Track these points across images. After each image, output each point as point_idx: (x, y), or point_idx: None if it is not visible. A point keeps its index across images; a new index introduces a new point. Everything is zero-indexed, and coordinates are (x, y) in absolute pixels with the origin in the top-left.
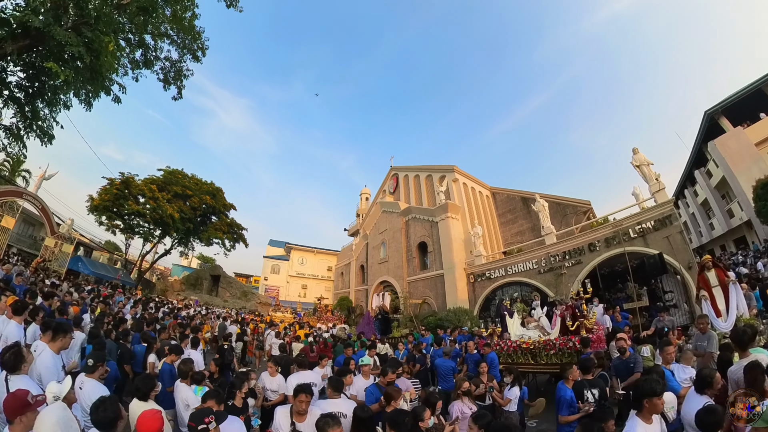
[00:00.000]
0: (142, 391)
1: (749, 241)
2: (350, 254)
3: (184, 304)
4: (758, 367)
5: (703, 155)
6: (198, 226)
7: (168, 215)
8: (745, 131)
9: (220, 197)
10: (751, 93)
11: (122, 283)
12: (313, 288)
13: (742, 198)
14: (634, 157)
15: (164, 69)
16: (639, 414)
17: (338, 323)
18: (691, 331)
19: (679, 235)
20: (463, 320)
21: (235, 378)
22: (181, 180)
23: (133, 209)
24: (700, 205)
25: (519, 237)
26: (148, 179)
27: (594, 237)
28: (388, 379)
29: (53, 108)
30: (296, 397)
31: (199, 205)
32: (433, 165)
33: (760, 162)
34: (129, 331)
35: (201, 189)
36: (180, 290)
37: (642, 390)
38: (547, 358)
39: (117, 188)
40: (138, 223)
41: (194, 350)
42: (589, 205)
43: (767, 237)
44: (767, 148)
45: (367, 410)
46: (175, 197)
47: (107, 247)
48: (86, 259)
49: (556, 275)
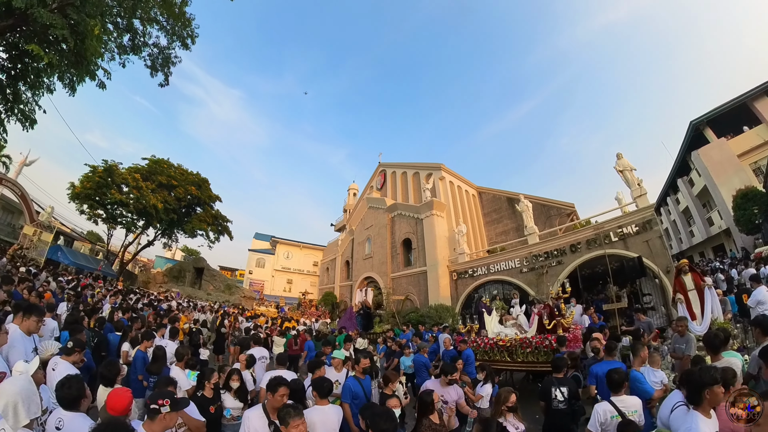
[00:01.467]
0: (107, 377)
1: (727, 249)
2: (336, 249)
3: (166, 296)
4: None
5: (686, 164)
6: (182, 217)
7: (152, 205)
8: (729, 143)
9: (206, 188)
10: (735, 106)
11: (103, 275)
12: (299, 283)
13: (723, 207)
14: (617, 162)
15: (152, 55)
16: (698, 408)
17: (322, 318)
18: (668, 333)
19: (659, 239)
20: (445, 317)
21: (206, 368)
22: (167, 170)
23: (115, 198)
24: (681, 212)
25: (503, 236)
26: (132, 168)
27: (576, 238)
28: (363, 365)
29: (36, 91)
30: (275, 392)
31: (184, 195)
32: (420, 162)
33: (742, 173)
34: (104, 319)
35: (186, 179)
36: (163, 282)
37: (701, 380)
38: (524, 356)
39: (100, 176)
40: (121, 213)
41: (171, 341)
42: (573, 208)
43: (744, 245)
44: (749, 160)
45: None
46: (160, 187)
47: (89, 237)
48: (66, 249)
49: (538, 275)
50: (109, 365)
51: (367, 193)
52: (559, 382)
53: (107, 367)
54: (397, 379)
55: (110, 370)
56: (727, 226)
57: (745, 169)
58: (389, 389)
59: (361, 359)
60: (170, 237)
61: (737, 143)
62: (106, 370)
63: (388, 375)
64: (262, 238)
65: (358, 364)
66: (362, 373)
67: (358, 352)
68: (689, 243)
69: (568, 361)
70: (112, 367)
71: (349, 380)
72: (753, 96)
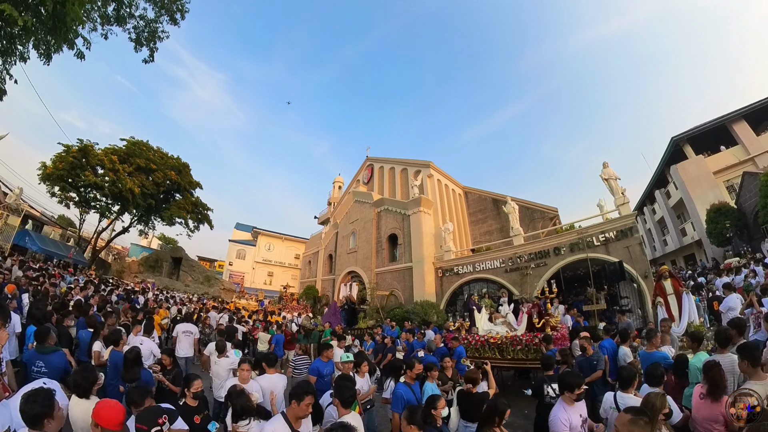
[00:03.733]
0: (82, 387)
1: (698, 259)
2: (319, 242)
3: (142, 287)
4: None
5: (664, 177)
6: (160, 204)
7: (128, 189)
8: (706, 160)
9: (186, 174)
10: (715, 126)
11: (74, 262)
12: (280, 276)
13: (696, 219)
14: (603, 171)
15: (137, 28)
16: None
17: (304, 312)
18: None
19: (639, 246)
20: (430, 313)
21: (188, 375)
22: (146, 152)
23: (90, 181)
24: (657, 222)
25: (487, 236)
26: (109, 149)
27: (559, 242)
28: (417, 371)
29: (7, 59)
30: (301, 401)
31: (162, 180)
32: (409, 159)
33: (716, 189)
34: (70, 311)
35: (166, 163)
36: (138, 272)
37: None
38: (514, 353)
39: (74, 156)
40: (95, 197)
41: (147, 337)
42: (556, 212)
43: (715, 256)
44: (723, 178)
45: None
46: (138, 170)
47: (60, 221)
48: (35, 234)
49: (522, 275)
50: (84, 372)
51: (353, 187)
52: (551, 379)
53: (82, 375)
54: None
55: (85, 378)
56: (700, 237)
57: (719, 185)
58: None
59: (415, 364)
60: (147, 224)
61: (714, 161)
62: (80, 377)
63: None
64: (243, 228)
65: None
66: (413, 379)
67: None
68: (662, 251)
69: (558, 358)
70: (88, 375)
71: (401, 387)
72: (732, 119)
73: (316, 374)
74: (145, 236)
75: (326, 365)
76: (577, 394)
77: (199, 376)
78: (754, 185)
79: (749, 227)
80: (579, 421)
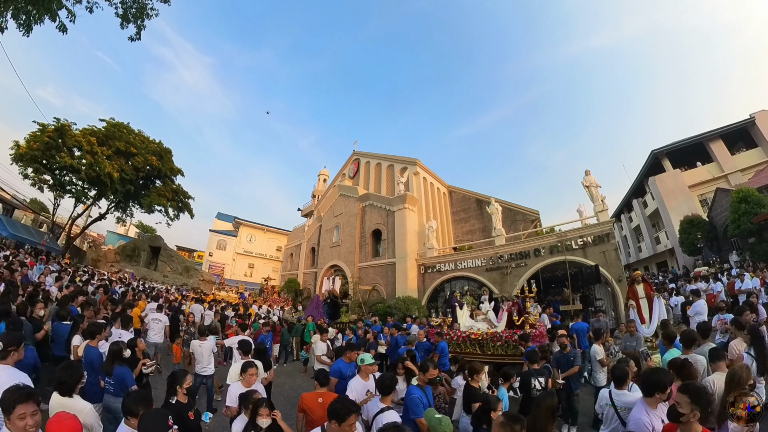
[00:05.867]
0: (66, 384)
1: (670, 266)
2: (302, 235)
3: (119, 277)
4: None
5: (642, 187)
6: (139, 190)
7: (106, 174)
8: (682, 174)
9: (168, 160)
10: (693, 143)
11: (47, 249)
12: (261, 268)
13: (670, 229)
14: (585, 178)
15: (125, 3)
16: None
17: (285, 306)
18: (617, 333)
19: (614, 251)
20: (412, 309)
21: (177, 371)
22: (126, 135)
23: (66, 163)
24: (633, 229)
25: (469, 236)
26: (87, 129)
27: (540, 243)
28: (430, 375)
29: None
30: (342, 421)
31: (143, 165)
32: (396, 155)
33: (690, 202)
34: (39, 300)
35: (147, 148)
36: (114, 261)
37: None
38: (494, 349)
39: (49, 136)
40: (70, 180)
41: (125, 330)
42: (537, 215)
43: (686, 265)
44: (698, 192)
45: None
46: (117, 154)
47: (32, 206)
48: (5, 218)
49: (502, 274)
50: (69, 369)
51: (338, 181)
52: (538, 372)
53: (66, 371)
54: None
55: (70, 375)
56: (672, 246)
57: (693, 199)
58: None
59: (429, 368)
60: (125, 211)
61: (690, 176)
62: (65, 374)
63: (474, 366)
64: (224, 218)
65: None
66: (425, 383)
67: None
68: (637, 257)
69: (540, 354)
70: (73, 372)
71: (415, 390)
72: (709, 137)
73: (338, 376)
74: (122, 224)
75: (348, 366)
76: (666, 394)
77: (188, 371)
78: (725, 201)
79: (719, 239)
80: (660, 427)
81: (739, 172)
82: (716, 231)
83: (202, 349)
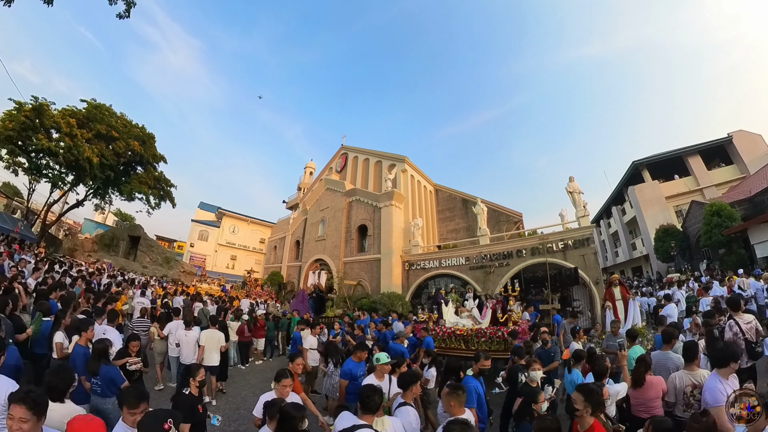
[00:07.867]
0: (57, 389)
1: (644, 271)
2: (286, 228)
3: (97, 267)
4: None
5: (622, 196)
6: (120, 176)
7: (85, 158)
8: (660, 185)
9: (151, 145)
10: (672, 157)
11: (21, 237)
12: (243, 260)
13: (646, 237)
14: (569, 184)
15: None
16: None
17: (269, 299)
18: (592, 333)
19: (593, 255)
20: (396, 305)
21: (191, 364)
22: (108, 118)
23: (43, 145)
24: (611, 234)
25: (454, 234)
26: (67, 110)
27: (522, 245)
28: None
29: None
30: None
31: (124, 151)
32: (385, 152)
33: (666, 212)
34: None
35: (130, 132)
36: (92, 251)
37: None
38: (478, 344)
39: (26, 115)
40: (47, 164)
41: (111, 326)
42: (520, 217)
43: (659, 271)
44: (674, 203)
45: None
46: (97, 137)
47: (5, 190)
48: None
49: (485, 273)
50: (60, 372)
51: (325, 174)
52: (524, 367)
53: (57, 375)
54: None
55: (62, 380)
56: (647, 252)
57: (669, 209)
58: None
59: (481, 357)
60: (104, 198)
61: (667, 187)
62: (55, 378)
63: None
64: (207, 208)
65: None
66: (478, 374)
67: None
68: (613, 261)
69: (524, 349)
70: (65, 375)
71: (471, 381)
72: (688, 152)
73: (348, 377)
74: (101, 211)
75: (359, 366)
76: (733, 368)
77: (201, 365)
78: (699, 213)
79: (691, 248)
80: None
81: (714, 186)
82: (689, 240)
83: (188, 339)
